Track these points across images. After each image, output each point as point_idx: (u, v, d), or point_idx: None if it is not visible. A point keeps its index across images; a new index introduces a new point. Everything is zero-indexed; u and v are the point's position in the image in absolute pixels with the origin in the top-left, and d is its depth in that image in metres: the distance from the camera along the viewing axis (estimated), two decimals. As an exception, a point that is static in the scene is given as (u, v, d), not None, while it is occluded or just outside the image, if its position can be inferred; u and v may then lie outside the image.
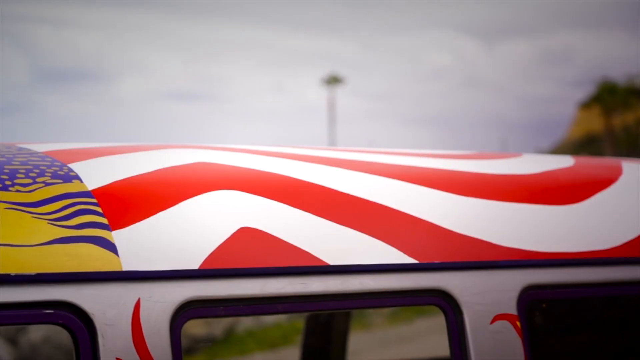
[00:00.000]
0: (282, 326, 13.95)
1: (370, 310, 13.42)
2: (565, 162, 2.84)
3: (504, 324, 2.17)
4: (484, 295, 2.17)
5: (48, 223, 1.86)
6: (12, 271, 1.78)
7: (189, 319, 1.90)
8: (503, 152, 2.97)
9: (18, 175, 1.97)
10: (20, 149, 2.22)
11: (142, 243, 1.91)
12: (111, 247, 1.87)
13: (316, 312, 3.49)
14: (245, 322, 13.98)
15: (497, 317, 2.17)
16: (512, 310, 2.18)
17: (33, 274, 1.79)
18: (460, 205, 2.34)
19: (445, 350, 2.24)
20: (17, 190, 1.92)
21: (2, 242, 1.80)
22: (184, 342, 1.91)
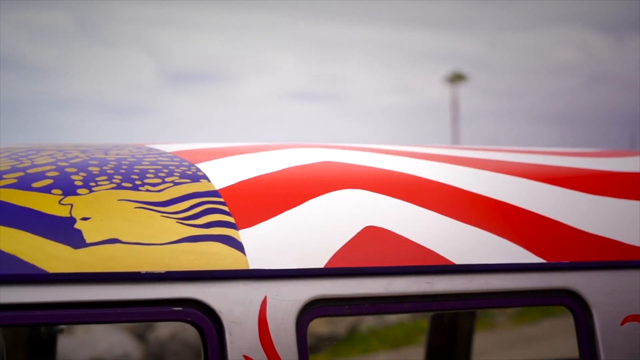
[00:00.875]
0: (406, 325, 13.90)
1: (495, 310, 13.27)
2: None
3: (635, 325, 2.11)
4: (614, 296, 2.12)
5: (177, 222, 1.90)
6: (143, 269, 1.82)
7: (314, 317, 1.91)
8: (632, 150, 2.90)
9: (148, 175, 2.02)
10: (150, 149, 2.27)
11: (268, 242, 1.92)
12: (238, 245, 1.89)
13: (441, 312, 3.47)
14: (369, 321, 13.98)
15: (627, 319, 2.11)
16: None
17: (163, 272, 1.83)
18: (589, 203, 2.29)
19: (571, 352, 2.19)
20: (147, 190, 1.96)
21: (132, 241, 1.84)
22: (307, 340, 1.92)
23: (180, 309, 1.84)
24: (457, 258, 2.03)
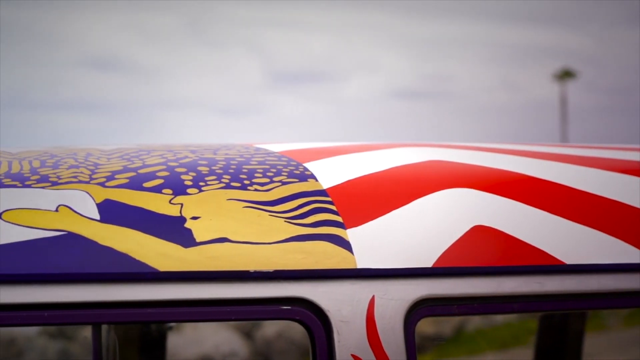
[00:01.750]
0: (513, 325, 13.75)
1: (606, 311, 13.02)
2: None
3: None
4: None
5: (285, 221, 1.91)
6: (251, 268, 1.84)
7: (422, 317, 1.90)
8: None
9: (256, 175, 2.03)
10: (258, 149, 2.29)
11: (376, 241, 1.92)
12: (346, 245, 1.89)
13: (551, 312, 3.42)
14: (475, 321, 13.87)
15: None
16: None
17: (271, 271, 1.84)
18: None
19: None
20: (255, 190, 1.98)
21: (241, 240, 1.86)
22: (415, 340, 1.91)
23: (289, 307, 1.85)
24: (568, 258, 1.99)
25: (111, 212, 1.87)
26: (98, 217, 1.85)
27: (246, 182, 2.00)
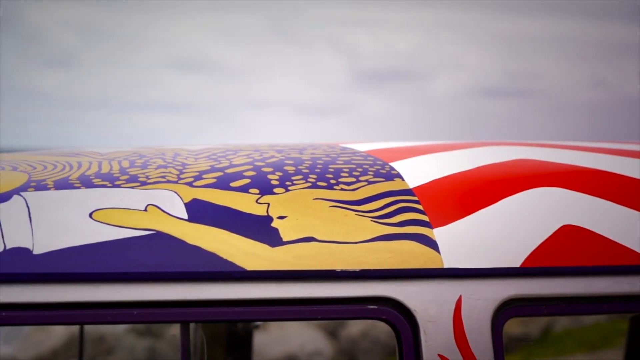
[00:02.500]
0: (602, 326, 13.52)
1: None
2: None
3: None
4: None
5: (371, 221, 1.91)
6: (338, 267, 1.84)
7: (510, 317, 1.88)
8: None
9: (342, 174, 2.04)
10: (344, 148, 2.29)
11: (463, 240, 1.91)
12: (432, 244, 1.88)
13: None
14: (563, 322, 13.68)
15: None
16: None
17: (357, 270, 1.84)
18: None
19: None
20: (342, 189, 1.98)
21: (328, 239, 1.87)
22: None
23: (375, 307, 1.85)
24: None
25: (199, 212, 1.89)
26: (186, 217, 1.88)
27: (332, 181, 2.00)
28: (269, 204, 1.92)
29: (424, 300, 1.85)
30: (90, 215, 1.85)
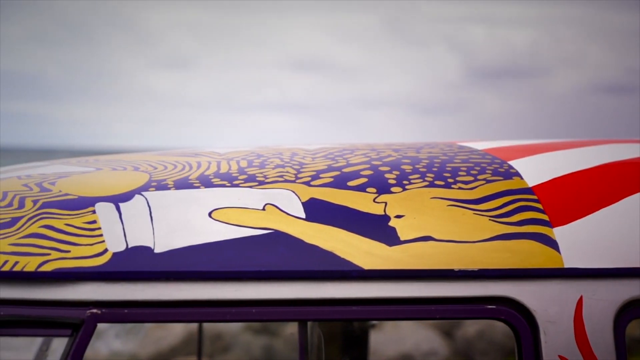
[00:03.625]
0: None
1: None
2: None
3: None
4: None
5: (489, 220, 1.89)
6: (456, 267, 1.83)
7: (633, 318, 1.84)
8: None
9: (460, 173, 2.02)
10: (461, 147, 2.27)
11: (584, 240, 1.87)
12: (552, 243, 1.85)
13: None
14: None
15: None
16: None
17: (476, 269, 1.83)
18: None
19: None
20: (459, 188, 1.96)
21: (445, 238, 1.85)
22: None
23: (494, 307, 1.83)
24: None
25: (316, 211, 1.89)
26: (304, 216, 1.89)
27: (450, 180, 1.99)
28: (386, 203, 1.92)
29: (544, 301, 1.82)
30: (210, 214, 1.88)
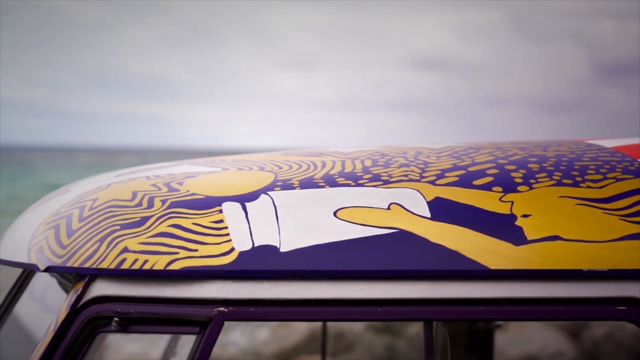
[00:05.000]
0: None
1: None
2: None
3: None
4: None
5: (620, 219, 1.85)
6: (585, 267, 1.79)
7: None
8: None
9: (588, 172, 1.98)
10: (589, 145, 2.23)
11: None
12: None
13: None
14: None
15: None
16: None
17: (605, 270, 1.79)
18: None
19: None
20: (588, 187, 1.93)
21: (574, 238, 1.82)
22: None
23: (623, 308, 1.79)
24: None
25: (442, 210, 1.88)
26: (429, 215, 1.87)
27: (578, 179, 1.95)
28: (512, 202, 1.89)
29: None
30: (335, 213, 1.88)
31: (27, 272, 2.52)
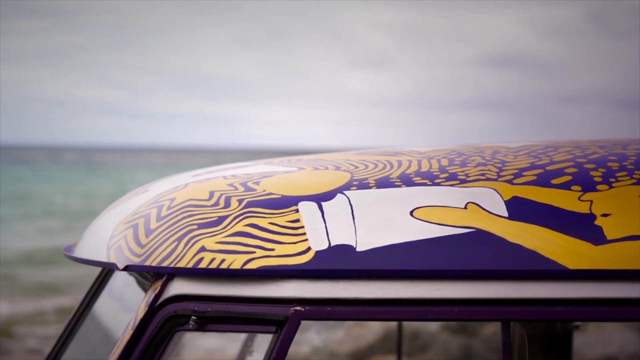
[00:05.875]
0: None
1: None
2: None
3: None
4: None
5: None
6: None
7: None
8: None
9: None
10: None
11: None
12: None
13: None
14: None
15: None
16: None
17: None
18: None
19: None
20: None
21: None
22: None
23: None
24: None
25: (519, 209, 1.86)
26: (506, 215, 1.86)
27: None
28: (592, 201, 1.87)
29: None
30: (411, 213, 1.88)
31: (106, 271, 2.56)
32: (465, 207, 1.88)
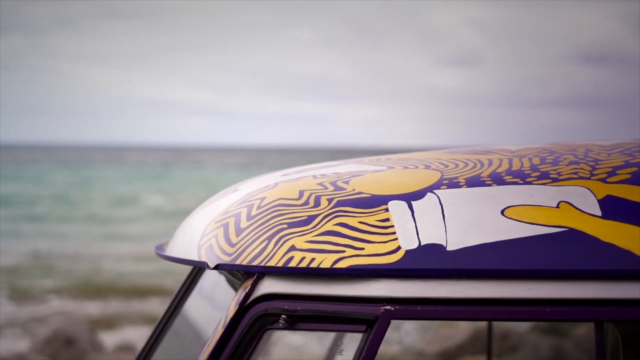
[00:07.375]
0: None
1: None
2: None
3: None
4: None
5: None
6: None
7: None
8: None
9: None
10: None
11: None
12: None
13: None
14: None
15: None
16: None
17: None
18: None
19: None
20: None
21: None
22: None
23: None
24: None
25: (613, 208, 1.83)
26: (599, 214, 1.83)
27: None
28: None
29: None
30: (502, 212, 1.86)
31: (197, 269, 2.58)
32: (558, 206, 1.86)
